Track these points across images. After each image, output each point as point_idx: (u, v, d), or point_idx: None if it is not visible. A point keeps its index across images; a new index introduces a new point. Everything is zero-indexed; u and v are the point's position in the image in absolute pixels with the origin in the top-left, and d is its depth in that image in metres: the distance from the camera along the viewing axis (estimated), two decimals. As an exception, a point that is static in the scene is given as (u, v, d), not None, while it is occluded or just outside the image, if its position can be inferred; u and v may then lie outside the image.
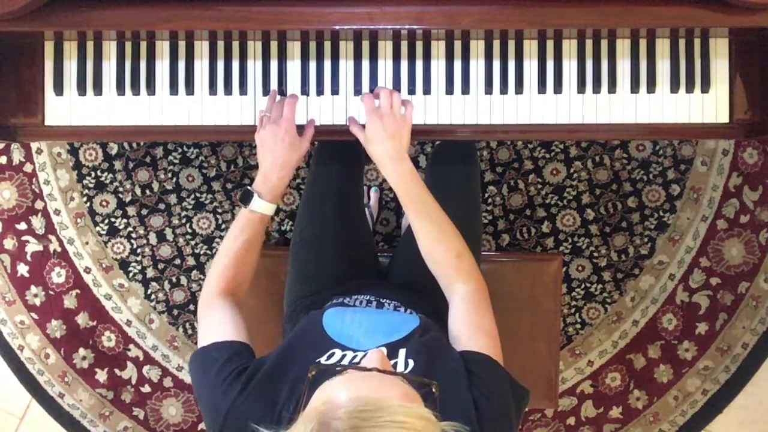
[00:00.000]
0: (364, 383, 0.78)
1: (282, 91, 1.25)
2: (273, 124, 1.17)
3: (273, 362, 0.97)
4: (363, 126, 1.19)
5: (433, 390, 0.82)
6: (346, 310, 1.12)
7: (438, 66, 1.25)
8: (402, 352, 0.98)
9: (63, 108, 1.26)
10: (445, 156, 1.43)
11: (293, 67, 1.25)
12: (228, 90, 1.25)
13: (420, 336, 1.03)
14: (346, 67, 1.25)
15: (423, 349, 0.99)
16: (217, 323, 1.08)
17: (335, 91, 1.25)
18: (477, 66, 1.25)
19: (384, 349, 0.88)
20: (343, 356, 0.96)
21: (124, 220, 1.98)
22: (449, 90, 1.25)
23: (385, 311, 1.17)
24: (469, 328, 1.06)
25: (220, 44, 1.25)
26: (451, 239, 1.13)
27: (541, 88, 1.25)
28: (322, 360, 0.94)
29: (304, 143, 1.19)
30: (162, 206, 1.98)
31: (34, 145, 1.97)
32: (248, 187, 1.17)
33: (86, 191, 1.98)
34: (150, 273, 2.00)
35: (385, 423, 0.69)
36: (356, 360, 0.95)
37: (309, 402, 0.79)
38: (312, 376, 0.83)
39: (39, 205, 1.99)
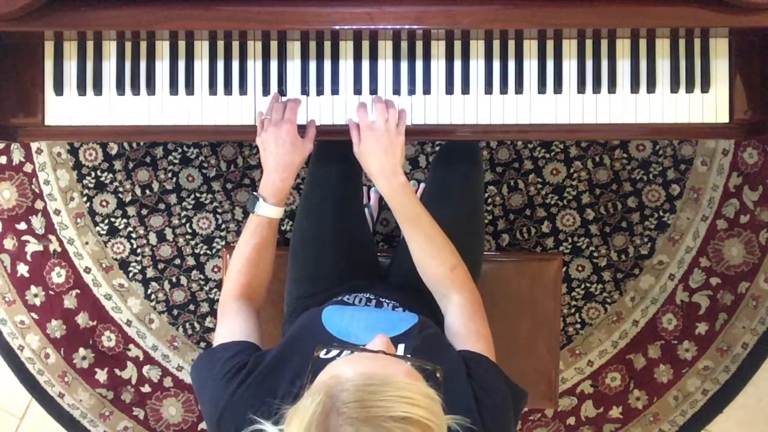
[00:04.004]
0: (371, 361, 0.79)
1: (282, 91, 1.25)
2: (273, 127, 1.17)
3: (273, 356, 0.97)
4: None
5: (437, 375, 0.82)
6: (346, 307, 1.13)
7: (438, 66, 1.25)
8: (401, 347, 0.98)
9: (63, 108, 1.26)
10: (448, 157, 1.42)
11: (293, 67, 1.25)
12: (228, 90, 1.25)
13: (419, 332, 1.03)
14: (346, 67, 1.25)
15: (422, 344, 1.00)
16: (229, 326, 1.08)
17: (335, 91, 1.25)
18: (477, 66, 1.25)
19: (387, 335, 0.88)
20: (342, 351, 0.96)
21: (124, 220, 1.98)
22: (449, 90, 1.25)
23: (384, 310, 1.17)
24: (466, 332, 1.07)
25: (220, 44, 1.25)
26: (444, 253, 1.13)
27: (541, 88, 1.25)
28: (321, 355, 0.95)
29: (306, 144, 1.19)
30: (162, 206, 1.98)
31: (34, 145, 1.97)
32: (253, 192, 1.17)
33: (86, 191, 1.98)
34: (150, 273, 2.00)
35: (391, 397, 0.71)
36: None
37: (315, 379, 0.80)
38: (318, 357, 0.83)
39: (39, 205, 1.99)
